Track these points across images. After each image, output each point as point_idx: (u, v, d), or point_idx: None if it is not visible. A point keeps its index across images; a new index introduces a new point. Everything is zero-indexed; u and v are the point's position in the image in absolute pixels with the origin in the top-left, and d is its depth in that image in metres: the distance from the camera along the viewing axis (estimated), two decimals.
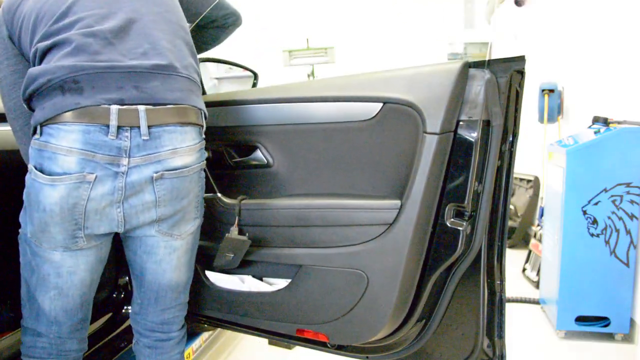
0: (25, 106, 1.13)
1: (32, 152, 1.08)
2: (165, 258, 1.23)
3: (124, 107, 1.05)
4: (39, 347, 1.19)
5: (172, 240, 1.22)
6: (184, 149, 1.14)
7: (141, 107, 1.07)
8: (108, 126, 1.04)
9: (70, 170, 1.03)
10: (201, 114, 1.21)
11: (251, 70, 2.06)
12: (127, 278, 1.88)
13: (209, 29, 1.46)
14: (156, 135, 1.09)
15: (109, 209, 1.09)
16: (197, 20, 1.39)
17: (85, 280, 1.16)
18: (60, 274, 1.12)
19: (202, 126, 1.22)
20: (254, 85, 2.08)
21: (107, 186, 1.07)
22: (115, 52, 1.08)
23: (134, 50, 1.10)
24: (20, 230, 1.15)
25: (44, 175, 1.04)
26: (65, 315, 1.17)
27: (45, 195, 1.05)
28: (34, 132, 1.08)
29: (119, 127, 1.04)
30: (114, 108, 1.04)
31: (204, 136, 1.23)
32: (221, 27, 1.47)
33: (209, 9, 1.35)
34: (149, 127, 1.07)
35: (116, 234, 1.20)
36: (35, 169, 1.06)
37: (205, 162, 1.24)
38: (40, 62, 1.09)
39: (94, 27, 1.08)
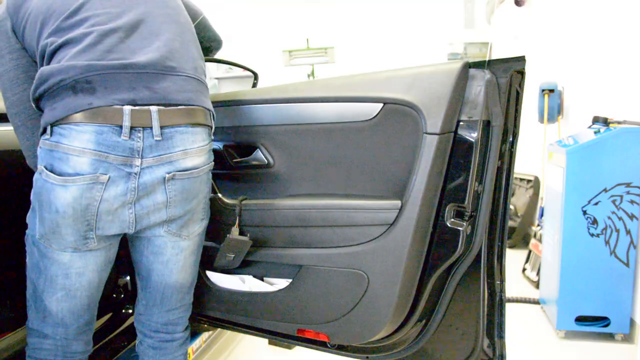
0: (31, 102, 1.12)
1: (41, 153, 1.07)
2: (172, 259, 1.23)
3: (137, 107, 1.05)
4: (44, 349, 1.18)
5: (180, 241, 1.22)
6: (195, 149, 1.14)
7: (153, 108, 1.07)
8: (121, 127, 1.03)
9: (82, 171, 1.03)
10: (210, 115, 1.21)
11: (251, 70, 2.05)
12: (128, 278, 1.88)
13: None
14: (168, 136, 1.09)
15: (121, 210, 1.09)
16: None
17: (93, 281, 1.16)
18: (68, 275, 1.12)
19: (211, 127, 1.22)
20: (254, 85, 2.07)
21: (120, 187, 1.06)
22: (126, 50, 1.08)
23: (145, 49, 1.10)
24: (27, 231, 1.14)
25: (55, 176, 1.03)
26: (72, 317, 1.17)
27: (57, 196, 1.03)
28: (44, 132, 1.07)
29: (131, 128, 1.04)
30: (127, 109, 1.04)
31: (212, 137, 1.23)
32: (205, 50, 1.46)
33: (197, 21, 1.35)
34: (161, 127, 1.07)
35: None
36: (46, 169, 1.04)
37: (213, 163, 1.24)
38: (50, 59, 1.08)
39: (106, 25, 1.08)
